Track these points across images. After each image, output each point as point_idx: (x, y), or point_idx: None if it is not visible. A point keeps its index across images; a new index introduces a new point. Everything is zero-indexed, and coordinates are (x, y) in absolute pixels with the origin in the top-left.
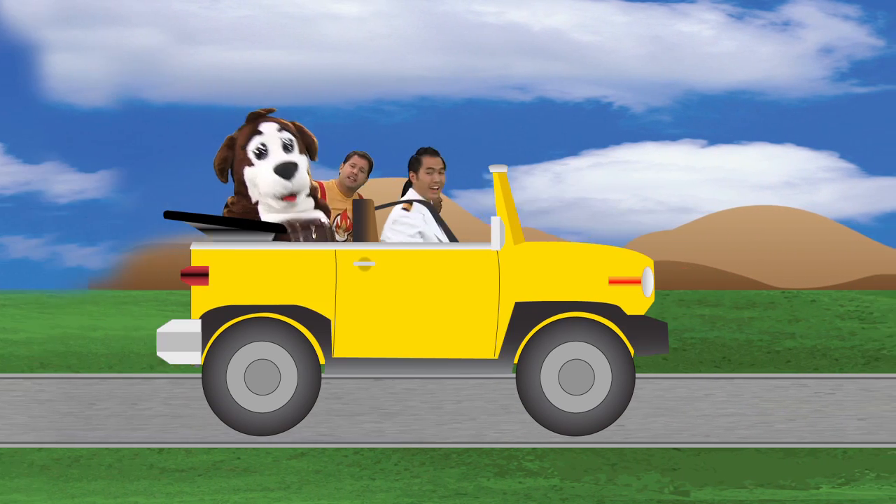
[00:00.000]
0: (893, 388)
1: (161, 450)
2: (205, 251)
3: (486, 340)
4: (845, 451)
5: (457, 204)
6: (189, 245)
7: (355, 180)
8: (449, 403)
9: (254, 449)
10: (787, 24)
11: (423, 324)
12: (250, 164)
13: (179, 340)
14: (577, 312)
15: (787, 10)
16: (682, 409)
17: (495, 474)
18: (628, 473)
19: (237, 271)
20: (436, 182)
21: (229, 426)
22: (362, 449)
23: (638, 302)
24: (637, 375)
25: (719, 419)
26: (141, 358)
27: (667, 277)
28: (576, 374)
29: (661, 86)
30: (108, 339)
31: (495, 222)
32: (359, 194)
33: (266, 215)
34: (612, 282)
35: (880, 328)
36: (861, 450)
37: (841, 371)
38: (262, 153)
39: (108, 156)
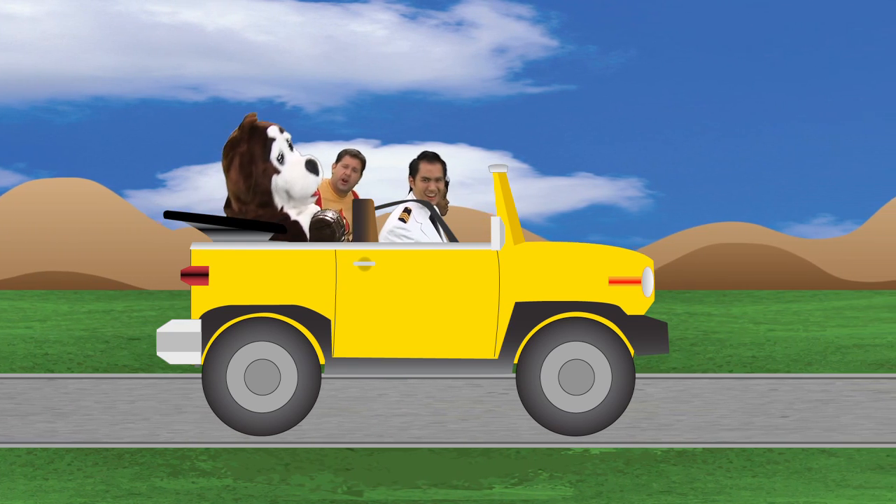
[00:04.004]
0: None
1: None
2: (205, 251)
3: (486, 340)
4: (518, 450)
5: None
6: None
7: (347, 180)
8: (122, 403)
9: None
10: (460, 25)
11: (423, 324)
12: (277, 172)
13: (179, 340)
14: (577, 312)
15: (461, 10)
16: (356, 409)
17: (168, 474)
18: (301, 473)
19: (237, 271)
20: (431, 191)
21: (229, 426)
22: (35, 449)
23: (638, 302)
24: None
25: (393, 419)
26: None
27: None
28: (576, 374)
29: (335, 86)
30: None
31: (495, 222)
32: (354, 193)
33: (296, 218)
34: (612, 282)
35: None
36: (534, 450)
37: None
38: (282, 159)
39: None
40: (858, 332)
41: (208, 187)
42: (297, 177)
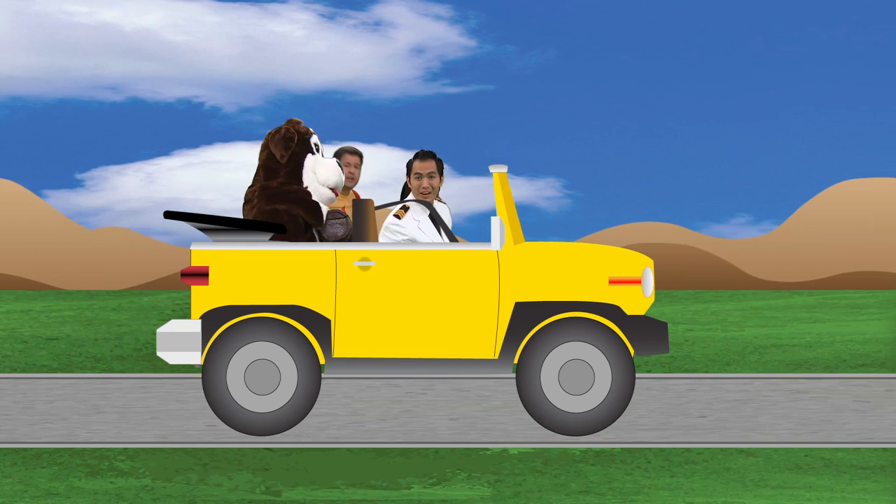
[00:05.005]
0: (485, 387)
1: None
2: (205, 251)
3: (486, 340)
4: (437, 451)
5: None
6: None
7: (352, 178)
8: (41, 403)
9: None
10: (378, 25)
11: (423, 324)
12: (313, 153)
13: (179, 340)
14: (577, 312)
15: (379, 10)
16: None
17: (87, 474)
18: (220, 473)
19: (237, 271)
20: (423, 187)
21: (229, 426)
22: None
23: (638, 302)
24: None
25: (311, 419)
26: None
27: None
28: (576, 374)
29: (253, 86)
30: None
31: (495, 222)
32: (355, 192)
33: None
34: (612, 282)
35: None
36: (452, 450)
37: None
38: (318, 148)
39: None
40: (777, 332)
41: (127, 187)
42: (329, 164)
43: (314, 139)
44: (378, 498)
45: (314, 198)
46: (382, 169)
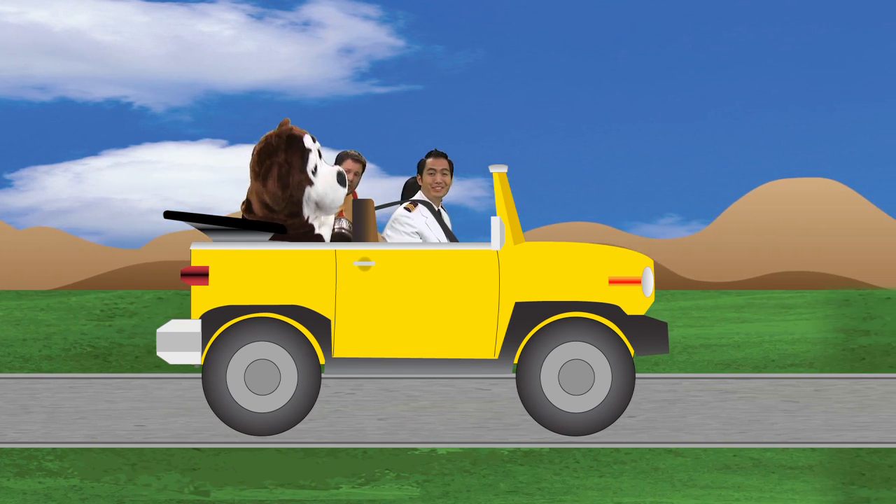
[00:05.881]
0: (413, 388)
1: None
2: (205, 251)
3: (486, 340)
4: (365, 450)
5: None
6: None
7: (350, 184)
8: None
9: None
10: (307, 25)
11: (423, 324)
12: (311, 183)
13: (179, 340)
14: (577, 312)
15: (307, 10)
16: (203, 409)
17: (15, 474)
18: (148, 473)
19: (237, 271)
20: (437, 183)
21: (229, 426)
22: None
23: (638, 302)
24: (160, 375)
25: None
26: None
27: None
28: (576, 374)
29: (182, 86)
30: None
31: (495, 222)
32: (354, 193)
33: (319, 230)
34: (612, 282)
35: None
36: (381, 449)
37: None
38: (315, 171)
39: None
40: (705, 332)
41: (55, 187)
42: (328, 190)
43: (309, 144)
44: (306, 498)
45: (316, 228)
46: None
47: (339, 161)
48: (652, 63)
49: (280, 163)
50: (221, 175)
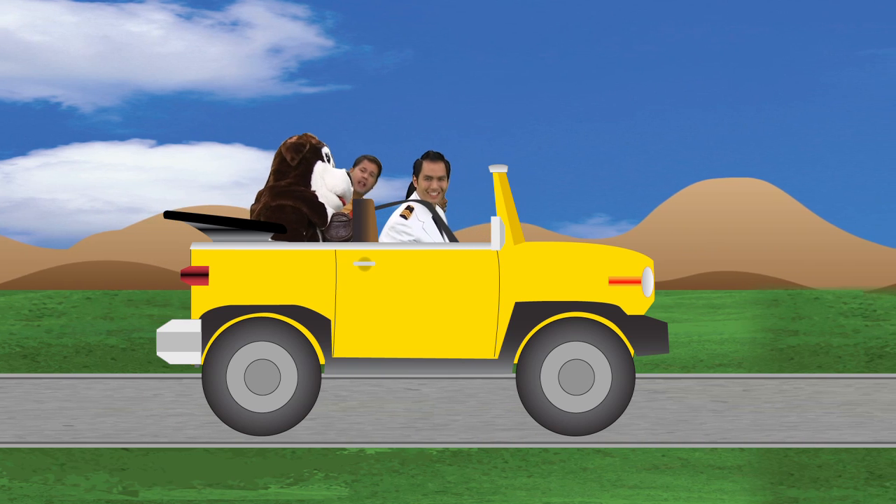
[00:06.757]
0: (342, 388)
1: None
2: (205, 251)
3: (486, 340)
4: (293, 451)
5: None
6: None
7: (365, 184)
8: None
9: None
10: (235, 25)
11: (423, 324)
12: (322, 161)
13: (179, 340)
14: (577, 312)
15: (236, 10)
16: (131, 409)
17: None
18: (77, 473)
19: (237, 271)
20: (433, 189)
21: (229, 426)
22: None
23: (638, 302)
24: (88, 375)
25: (168, 419)
26: None
27: (115, 278)
28: (576, 374)
29: (110, 86)
30: None
31: (495, 222)
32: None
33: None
34: (612, 282)
35: None
36: (309, 450)
37: None
38: (329, 159)
39: None
40: None
41: None
42: (337, 173)
43: (325, 150)
44: (235, 498)
45: (320, 200)
46: (240, 168)
47: (356, 162)
48: (580, 63)
49: (296, 142)
50: (150, 175)
